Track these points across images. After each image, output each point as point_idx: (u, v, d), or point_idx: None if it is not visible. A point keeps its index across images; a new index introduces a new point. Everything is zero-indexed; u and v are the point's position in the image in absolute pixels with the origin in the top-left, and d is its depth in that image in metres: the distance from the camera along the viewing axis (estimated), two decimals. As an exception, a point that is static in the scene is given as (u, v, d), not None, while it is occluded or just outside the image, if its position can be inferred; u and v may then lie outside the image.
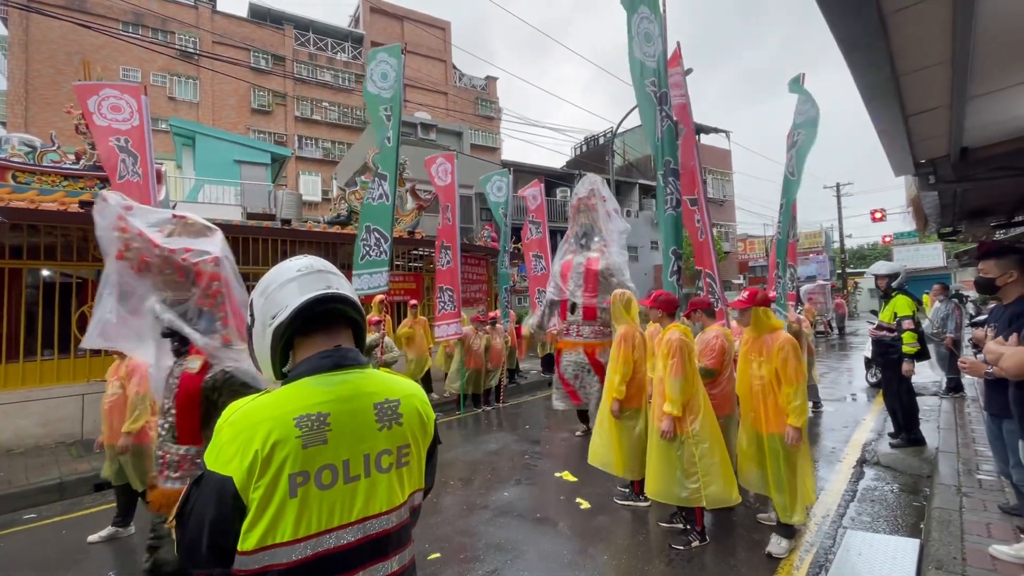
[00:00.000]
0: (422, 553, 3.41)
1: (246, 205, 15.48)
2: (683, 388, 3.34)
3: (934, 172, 4.35)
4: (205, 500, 0.92)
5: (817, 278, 24.71)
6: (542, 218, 9.56)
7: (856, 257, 44.64)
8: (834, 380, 9.62)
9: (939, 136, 3.67)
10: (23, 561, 3.60)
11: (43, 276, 6.54)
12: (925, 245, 28.94)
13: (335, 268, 1.16)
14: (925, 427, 5.41)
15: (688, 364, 3.39)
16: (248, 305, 1.12)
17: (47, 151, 7.03)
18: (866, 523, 3.68)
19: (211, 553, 0.92)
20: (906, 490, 4.28)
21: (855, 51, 2.27)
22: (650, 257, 26.59)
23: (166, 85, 24.91)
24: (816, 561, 3.17)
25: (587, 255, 6.09)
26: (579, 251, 6.23)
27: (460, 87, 33.78)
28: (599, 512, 4.06)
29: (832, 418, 6.74)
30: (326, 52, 29.58)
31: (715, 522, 3.78)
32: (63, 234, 6.48)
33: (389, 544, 1.03)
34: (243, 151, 17.67)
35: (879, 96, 2.77)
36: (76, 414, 6.32)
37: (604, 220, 6.15)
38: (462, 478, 4.98)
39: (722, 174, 28.65)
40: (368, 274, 5.60)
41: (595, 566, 3.25)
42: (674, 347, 3.38)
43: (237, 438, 0.93)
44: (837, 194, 30.24)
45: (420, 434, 1.13)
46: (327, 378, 1.03)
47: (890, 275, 5.27)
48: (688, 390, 3.38)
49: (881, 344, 5.31)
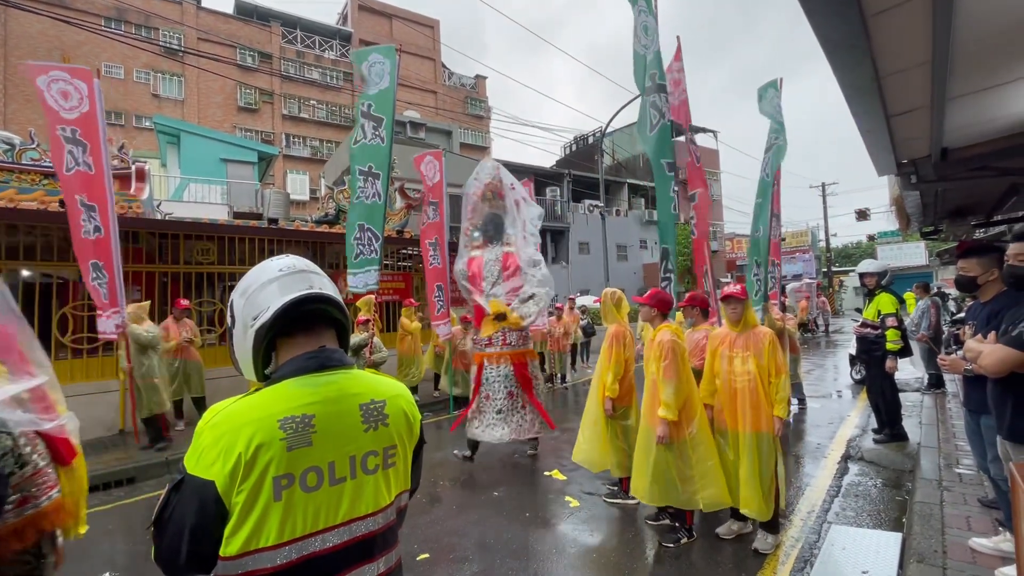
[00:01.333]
0: (411, 554, 3.40)
1: (232, 204, 15.31)
2: (678, 391, 3.27)
3: (916, 172, 4.42)
4: (185, 505, 0.90)
5: (803, 276, 25.08)
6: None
7: (841, 256, 45.28)
8: (820, 377, 9.76)
9: (920, 137, 3.73)
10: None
11: (23, 277, 6.40)
12: (908, 244, 29.46)
13: (317, 268, 1.14)
14: (908, 423, 5.51)
15: (682, 366, 3.33)
16: (228, 306, 1.11)
17: (26, 149, 6.89)
18: (850, 518, 3.74)
19: (191, 560, 0.90)
20: (889, 485, 4.35)
21: (837, 51, 2.30)
22: (639, 256, 26.73)
23: (150, 82, 24.54)
24: (801, 556, 3.22)
25: (502, 249, 5.34)
26: (488, 245, 5.44)
27: (449, 86, 33.70)
28: (588, 510, 4.08)
29: (818, 415, 6.83)
30: (313, 50, 29.33)
31: (702, 518, 3.81)
32: (43, 234, 6.35)
33: (375, 546, 1.03)
34: (230, 149, 17.47)
35: (862, 96, 2.81)
36: (57, 417, 6.19)
37: (513, 208, 5.42)
38: (451, 478, 4.97)
39: (711, 173, 28.93)
40: (363, 272, 5.61)
41: (584, 564, 3.26)
42: (666, 348, 3.30)
43: (219, 441, 0.91)
44: (823, 194, 30.69)
45: (406, 435, 1.12)
46: (312, 379, 1.01)
47: (878, 273, 5.35)
48: (683, 393, 3.30)
49: (865, 341, 5.39)
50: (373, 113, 5.64)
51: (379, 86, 5.61)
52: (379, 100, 5.65)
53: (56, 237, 6.40)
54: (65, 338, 6.39)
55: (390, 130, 5.67)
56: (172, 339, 6.43)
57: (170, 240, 7.40)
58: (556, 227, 23.33)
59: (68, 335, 6.42)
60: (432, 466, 5.32)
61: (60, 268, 6.60)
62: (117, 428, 6.53)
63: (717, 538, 3.47)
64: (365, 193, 5.62)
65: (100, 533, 4.02)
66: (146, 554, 3.53)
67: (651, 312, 3.60)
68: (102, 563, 3.53)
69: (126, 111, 23.80)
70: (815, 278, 26.15)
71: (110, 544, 3.84)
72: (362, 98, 5.68)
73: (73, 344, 6.46)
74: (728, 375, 3.40)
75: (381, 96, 5.65)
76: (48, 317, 6.34)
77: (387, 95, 5.66)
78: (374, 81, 5.59)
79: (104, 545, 3.81)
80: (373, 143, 5.66)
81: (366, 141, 5.64)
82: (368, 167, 5.64)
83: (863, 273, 5.48)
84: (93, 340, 6.55)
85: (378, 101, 5.64)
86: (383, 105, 5.67)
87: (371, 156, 5.67)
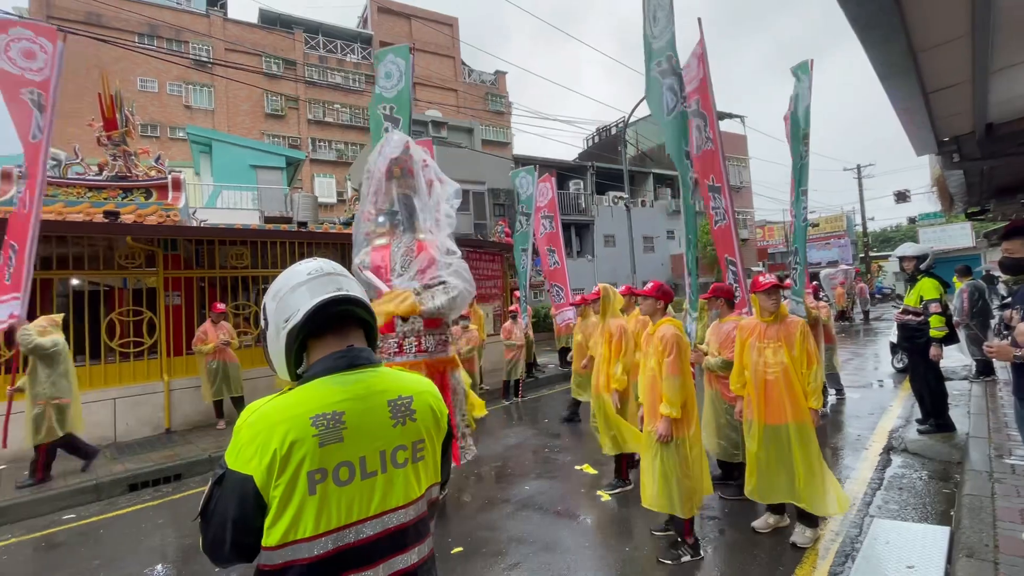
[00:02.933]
0: (445, 547, 3.46)
1: (263, 209, 15.74)
2: (682, 387, 3.11)
3: (958, 150, 4.23)
4: (227, 498, 0.95)
5: (840, 263, 24.21)
6: (554, 212, 9.54)
7: (880, 240, 43.52)
8: (859, 366, 9.43)
9: (962, 112, 3.56)
10: (63, 561, 3.75)
11: (72, 285, 6.75)
12: (952, 225, 28.03)
13: (344, 270, 1.18)
14: (954, 412, 5.28)
15: (685, 361, 3.18)
16: (262, 309, 1.16)
17: (71, 163, 7.25)
18: (894, 511, 3.61)
19: (235, 549, 0.96)
20: (935, 477, 4.18)
21: (869, 29, 2.21)
22: (667, 247, 26.31)
23: (182, 94, 25.40)
24: (842, 550, 3.13)
25: (415, 236, 4.31)
26: (396, 232, 4.33)
27: (469, 83, 33.75)
28: (620, 504, 4.06)
29: (858, 405, 6.61)
30: (336, 54, 29.82)
31: (738, 511, 3.75)
32: (89, 244, 6.68)
33: (407, 537, 1.06)
34: (258, 156, 17.96)
35: (896, 73, 2.69)
36: (109, 418, 6.53)
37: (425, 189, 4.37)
38: (483, 473, 5.03)
39: (739, 160, 28.19)
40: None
41: (617, 558, 3.25)
42: (669, 343, 3.16)
43: (256, 438, 0.96)
44: (858, 176, 29.51)
45: (434, 429, 1.15)
46: (341, 378, 1.05)
47: (917, 257, 5.12)
48: (686, 389, 3.16)
49: (907, 329, 5.18)
50: (394, 115, 5.65)
51: (397, 87, 5.63)
52: (398, 102, 5.67)
53: (101, 247, 6.73)
54: (113, 342, 6.72)
55: (407, 130, 5.61)
56: (210, 342, 6.69)
57: (206, 246, 7.68)
58: (581, 220, 23.15)
59: (116, 339, 6.75)
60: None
61: (105, 276, 6.93)
62: (163, 427, 6.84)
63: (753, 532, 3.41)
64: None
65: (151, 527, 4.24)
66: (194, 546, 3.72)
67: (655, 305, 3.39)
68: (154, 556, 3.72)
69: (161, 123, 24.73)
70: (851, 264, 25.22)
71: (161, 537, 4.04)
72: (378, 101, 5.66)
73: (120, 348, 6.78)
74: (759, 366, 3.32)
75: (399, 98, 5.66)
76: (97, 322, 6.68)
77: (404, 95, 5.66)
78: (393, 83, 5.61)
79: (155, 538, 4.02)
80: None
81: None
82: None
83: (902, 257, 5.25)
84: (139, 344, 6.87)
85: (398, 103, 5.66)
86: (402, 106, 5.69)
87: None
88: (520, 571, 3.15)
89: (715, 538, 3.44)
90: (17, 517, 4.50)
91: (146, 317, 6.97)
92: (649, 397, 3.30)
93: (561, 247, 8.43)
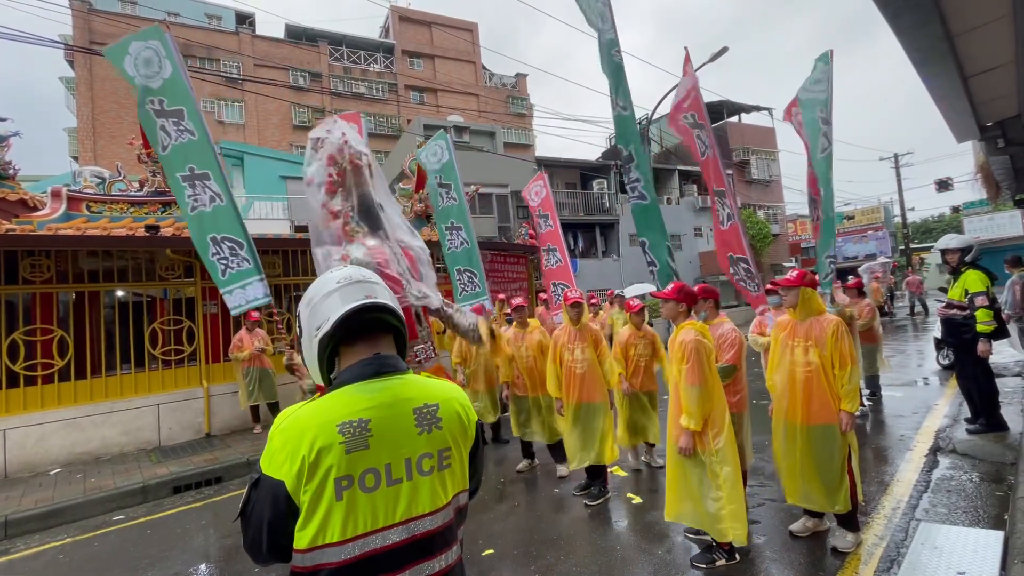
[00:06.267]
0: (476, 550, 3.48)
1: (293, 218, 16.17)
2: (702, 397, 2.95)
3: (1003, 135, 4.01)
4: (262, 501, 1.00)
5: (878, 256, 23.31)
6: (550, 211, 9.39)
7: (920, 231, 41.68)
8: (902, 363, 9.05)
9: (1006, 96, 3.38)
10: (114, 560, 3.93)
11: (118, 296, 7.08)
12: (1000, 213, 26.59)
13: (376, 277, 1.20)
14: (1006, 411, 5.01)
15: (708, 370, 2.99)
16: (296, 316, 1.20)
17: (115, 181, 7.59)
18: (942, 515, 3.45)
19: (271, 550, 1.01)
20: (987, 479, 3.98)
21: (900, 14, 2.13)
22: (694, 244, 25.84)
23: (215, 110, 26.32)
24: (887, 555, 3.01)
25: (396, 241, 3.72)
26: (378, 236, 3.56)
27: (491, 87, 33.92)
28: (652, 507, 4.00)
29: (901, 404, 6.35)
30: (359, 64, 30.42)
31: (774, 514, 3.65)
32: (132, 257, 7.00)
33: (434, 544, 1.07)
34: (288, 167, 18.47)
35: (932, 60, 2.58)
36: (153, 423, 6.82)
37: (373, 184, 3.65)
38: (514, 475, 5.03)
39: (767, 154, 27.45)
40: (239, 288, 4.45)
41: (650, 560, 3.21)
42: (689, 349, 2.98)
43: (286, 445, 0.99)
44: (895, 165, 28.36)
45: (461, 437, 1.16)
46: (368, 385, 1.08)
47: (961, 249, 4.87)
48: (709, 400, 2.98)
49: (952, 323, 4.94)
50: (168, 109, 4.46)
51: (161, 76, 4.50)
52: (169, 92, 4.48)
53: (143, 259, 7.04)
54: (156, 350, 7.01)
55: (197, 120, 4.52)
56: (246, 349, 6.92)
57: (240, 256, 7.93)
58: (605, 220, 22.92)
59: (158, 348, 7.04)
60: (494, 463, 5.41)
61: (147, 287, 7.24)
62: (203, 432, 7.10)
63: (791, 536, 3.32)
64: (200, 201, 4.47)
65: (195, 528, 4.40)
66: (235, 546, 3.84)
67: (677, 308, 3.19)
68: (198, 556, 3.87)
69: (196, 139, 25.74)
70: (891, 257, 24.23)
71: (204, 538, 4.19)
72: (145, 94, 4.42)
73: (163, 356, 7.08)
74: (790, 365, 3.22)
75: (170, 86, 4.49)
76: (141, 332, 6.99)
77: (176, 82, 4.50)
78: (153, 72, 4.49)
79: (199, 539, 4.17)
80: (181, 142, 4.47)
81: (174, 142, 4.47)
82: (189, 169, 4.46)
83: (944, 249, 5.00)
84: (179, 352, 7.15)
85: (169, 94, 4.48)
86: (175, 95, 4.48)
87: (187, 157, 4.48)
88: (552, 574, 3.14)
89: (751, 542, 3.36)
90: (73, 518, 4.76)
91: (186, 326, 7.26)
92: (672, 407, 3.17)
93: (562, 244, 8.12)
